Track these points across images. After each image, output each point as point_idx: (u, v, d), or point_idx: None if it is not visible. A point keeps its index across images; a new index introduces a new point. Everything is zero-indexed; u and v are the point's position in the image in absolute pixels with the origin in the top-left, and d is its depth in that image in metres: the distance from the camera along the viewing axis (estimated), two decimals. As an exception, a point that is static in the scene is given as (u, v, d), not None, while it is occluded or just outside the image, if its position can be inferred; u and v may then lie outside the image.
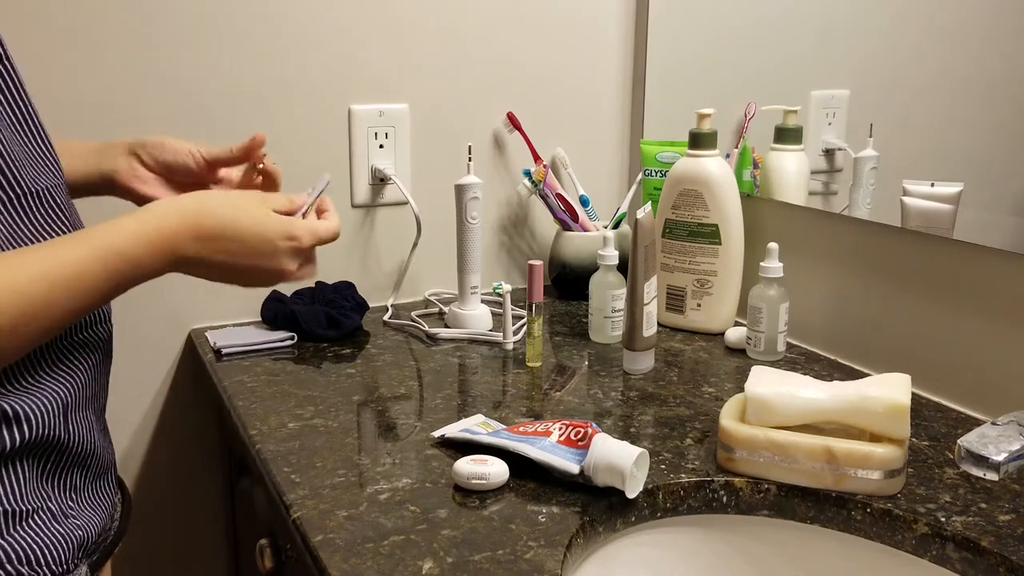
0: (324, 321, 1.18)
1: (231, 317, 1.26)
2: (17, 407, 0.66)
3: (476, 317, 1.22)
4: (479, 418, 0.94)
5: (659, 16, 1.40)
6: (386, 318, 1.27)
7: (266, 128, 1.23)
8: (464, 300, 1.23)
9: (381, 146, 1.31)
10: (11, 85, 0.71)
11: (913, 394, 0.83)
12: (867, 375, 1.07)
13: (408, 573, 0.68)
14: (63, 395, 0.71)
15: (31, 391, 0.68)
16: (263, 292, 1.22)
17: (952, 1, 0.98)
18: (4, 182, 0.67)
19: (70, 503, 0.72)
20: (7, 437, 0.66)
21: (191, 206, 0.73)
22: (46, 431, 0.69)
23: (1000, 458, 0.66)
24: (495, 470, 0.80)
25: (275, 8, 1.22)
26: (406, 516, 0.76)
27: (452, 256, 1.23)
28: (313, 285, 1.26)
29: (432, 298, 1.35)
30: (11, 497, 0.66)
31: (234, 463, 1.19)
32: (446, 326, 1.24)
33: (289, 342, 1.17)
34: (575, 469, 0.79)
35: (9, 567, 0.64)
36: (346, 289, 1.25)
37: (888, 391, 0.80)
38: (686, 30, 1.36)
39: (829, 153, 1.15)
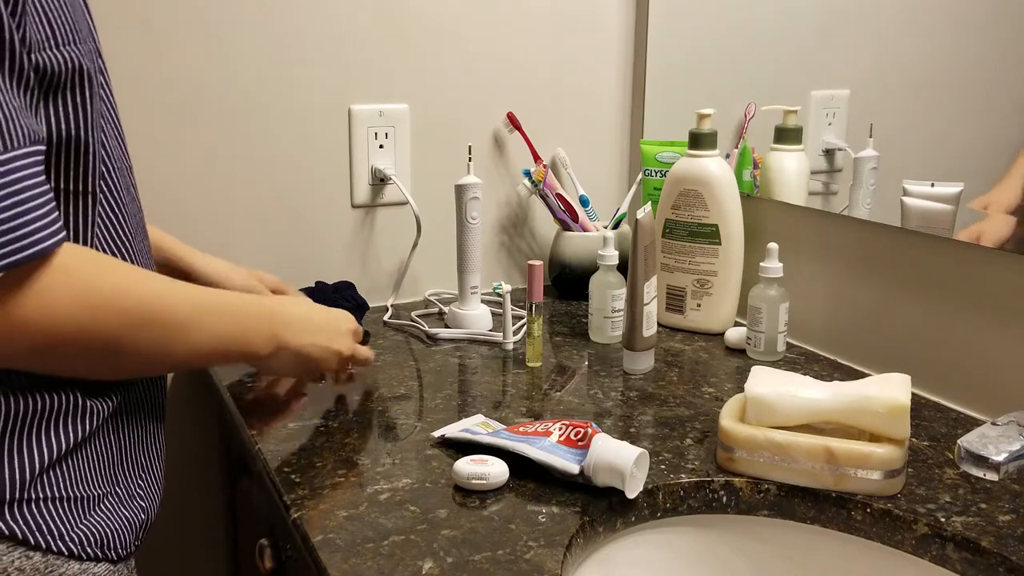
0: (324, 321, 1.18)
1: (231, 317, 1.25)
2: (88, 400, 0.69)
3: (476, 317, 1.22)
4: (479, 418, 0.94)
5: (659, 16, 1.40)
6: (386, 318, 1.27)
7: (266, 128, 1.24)
8: (464, 300, 1.23)
9: (381, 146, 1.31)
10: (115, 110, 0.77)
11: (913, 394, 0.83)
12: (867, 375, 1.07)
13: (408, 573, 0.68)
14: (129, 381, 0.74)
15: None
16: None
17: (952, 1, 0.98)
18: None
19: (140, 482, 0.75)
20: (85, 425, 0.69)
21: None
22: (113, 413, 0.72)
23: (1000, 458, 0.66)
24: (495, 470, 0.80)
25: (275, 8, 1.21)
26: (406, 516, 0.76)
27: (452, 256, 1.23)
28: (314, 285, 1.26)
29: (432, 298, 1.34)
30: (87, 483, 0.69)
31: (234, 463, 1.19)
32: (446, 326, 1.24)
33: (289, 342, 1.17)
34: (575, 469, 0.79)
35: (89, 549, 0.68)
36: (346, 289, 1.25)
37: (888, 391, 0.80)
38: (686, 30, 1.36)
39: (829, 153, 1.15)
